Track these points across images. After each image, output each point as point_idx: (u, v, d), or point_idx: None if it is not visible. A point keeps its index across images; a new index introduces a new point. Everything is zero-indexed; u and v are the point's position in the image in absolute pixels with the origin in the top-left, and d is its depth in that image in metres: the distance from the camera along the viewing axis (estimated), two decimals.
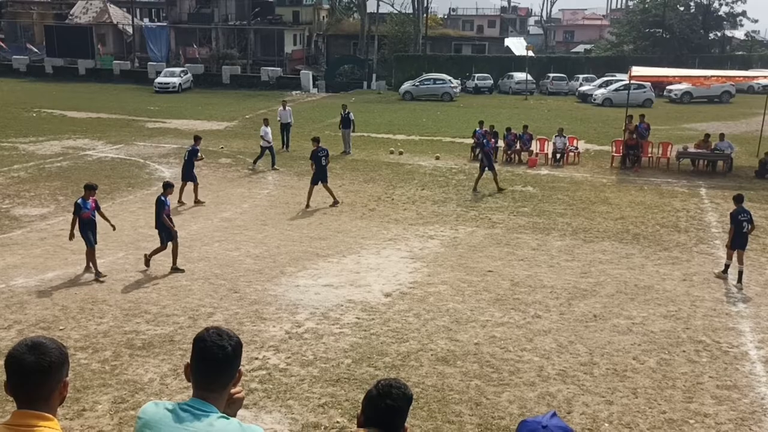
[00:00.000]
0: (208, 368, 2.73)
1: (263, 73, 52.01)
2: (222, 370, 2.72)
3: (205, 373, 2.74)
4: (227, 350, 2.71)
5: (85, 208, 12.14)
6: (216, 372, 2.72)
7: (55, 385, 2.59)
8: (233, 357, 2.73)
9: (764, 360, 9.60)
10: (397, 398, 2.91)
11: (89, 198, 12.29)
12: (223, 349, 2.70)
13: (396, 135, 30.13)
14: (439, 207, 17.91)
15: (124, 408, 7.91)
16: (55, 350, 2.58)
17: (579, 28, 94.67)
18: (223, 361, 2.71)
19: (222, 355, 2.70)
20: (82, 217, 12.10)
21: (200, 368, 2.74)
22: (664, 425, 7.94)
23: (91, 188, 12.44)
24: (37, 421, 2.53)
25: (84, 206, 12.14)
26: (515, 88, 50.76)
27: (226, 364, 2.72)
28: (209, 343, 2.72)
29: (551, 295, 11.86)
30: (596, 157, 25.29)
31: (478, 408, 8.20)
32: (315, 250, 14.12)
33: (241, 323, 10.41)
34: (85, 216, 12.13)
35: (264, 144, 22.23)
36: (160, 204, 12.48)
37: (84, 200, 12.21)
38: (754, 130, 28.65)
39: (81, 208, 12.13)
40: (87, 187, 12.48)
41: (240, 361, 2.78)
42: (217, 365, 2.71)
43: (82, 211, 12.11)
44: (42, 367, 2.53)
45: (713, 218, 17.23)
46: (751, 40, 70.57)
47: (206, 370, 2.73)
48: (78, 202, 12.23)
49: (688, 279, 12.82)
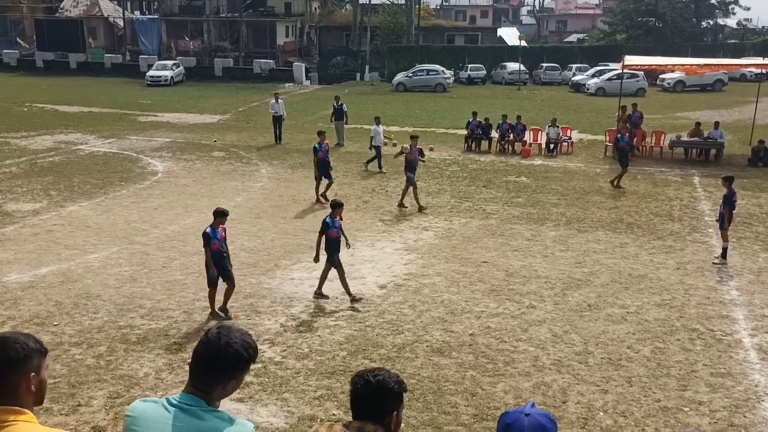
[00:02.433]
0: (199, 364, 2.73)
1: (256, 65, 51.78)
2: (213, 370, 2.72)
3: (198, 368, 2.74)
4: (228, 353, 2.72)
5: (214, 238, 10.07)
6: (207, 370, 2.72)
7: (20, 380, 2.53)
8: (230, 363, 2.73)
9: (758, 347, 9.65)
10: (360, 388, 2.90)
11: (219, 226, 10.18)
12: (223, 350, 2.72)
13: (389, 126, 30.02)
14: (433, 198, 17.90)
15: (120, 403, 7.89)
16: (18, 345, 2.55)
17: (572, 18, 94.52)
18: (218, 362, 2.71)
19: (220, 358, 2.71)
20: (211, 248, 10.11)
21: (196, 362, 2.74)
22: (659, 413, 7.98)
23: (222, 215, 10.19)
24: (7, 416, 2.50)
25: (213, 236, 10.07)
26: (508, 78, 50.71)
27: (222, 367, 2.72)
28: (211, 343, 2.74)
29: (546, 285, 11.88)
30: (590, 147, 25.31)
31: (474, 399, 8.23)
32: (309, 243, 14.04)
33: (236, 317, 10.40)
34: (214, 248, 10.12)
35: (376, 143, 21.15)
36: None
37: (213, 229, 10.09)
38: (747, 118, 28.72)
39: (211, 239, 10.04)
40: (218, 213, 10.20)
41: (238, 372, 2.76)
42: (209, 364, 2.72)
43: (212, 242, 10.08)
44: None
45: (706, 207, 17.27)
46: (743, 28, 70.66)
47: (199, 365, 2.74)
48: (207, 232, 10.07)
49: (682, 267, 12.86)
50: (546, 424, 2.72)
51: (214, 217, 10.22)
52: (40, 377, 2.60)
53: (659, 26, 59.51)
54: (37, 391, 2.59)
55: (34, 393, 2.58)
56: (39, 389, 2.60)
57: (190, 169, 21.11)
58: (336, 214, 11.15)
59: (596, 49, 59.31)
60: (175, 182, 19.41)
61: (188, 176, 20.17)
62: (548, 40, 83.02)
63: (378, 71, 54.04)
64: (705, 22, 65.17)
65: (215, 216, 10.20)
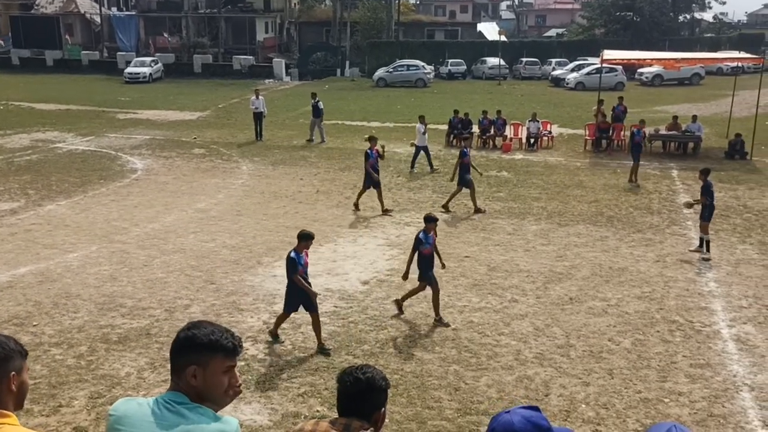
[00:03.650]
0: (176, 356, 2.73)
1: (235, 61, 51.48)
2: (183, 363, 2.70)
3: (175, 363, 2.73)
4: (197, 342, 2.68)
5: (299, 264, 9.11)
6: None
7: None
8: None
9: (735, 338, 9.79)
10: (349, 385, 2.91)
11: (303, 250, 9.23)
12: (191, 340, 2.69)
13: (370, 122, 30.06)
14: (414, 194, 17.93)
15: (101, 403, 7.83)
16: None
17: (551, 13, 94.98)
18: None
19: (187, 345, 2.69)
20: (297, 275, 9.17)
21: (172, 356, 2.74)
22: (640, 404, 8.07)
23: (307, 238, 9.22)
24: None
25: (299, 262, 9.11)
26: (488, 73, 50.84)
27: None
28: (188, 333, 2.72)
29: (527, 279, 11.95)
30: (570, 141, 25.47)
31: (457, 393, 8.27)
32: (291, 240, 13.96)
33: (219, 315, 10.35)
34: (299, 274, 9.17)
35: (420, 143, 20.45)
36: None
37: (298, 254, 9.11)
38: (724, 111, 29.04)
39: (297, 265, 9.08)
40: (303, 236, 9.20)
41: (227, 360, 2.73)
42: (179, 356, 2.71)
43: (297, 268, 9.11)
44: None
45: (685, 199, 17.42)
46: (719, 23, 71.42)
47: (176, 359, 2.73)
48: (292, 257, 9.07)
49: (662, 260, 12.99)
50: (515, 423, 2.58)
51: (298, 240, 9.16)
52: (21, 378, 2.57)
53: (637, 21, 59.99)
54: (18, 392, 2.56)
55: (15, 394, 2.55)
56: (20, 390, 2.57)
57: (170, 167, 20.96)
58: (429, 229, 10.33)
59: (575, 43, 59.66)
60: (155, 180, 19.26)
61: (168, 174, 20.02)
62: (528, 35, 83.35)
63: (358, 67, 53.96)
64: (682, 17, 65.82)
65: (300, 239, 9.14)
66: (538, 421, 2.62)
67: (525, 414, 2.66)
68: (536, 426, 2.60)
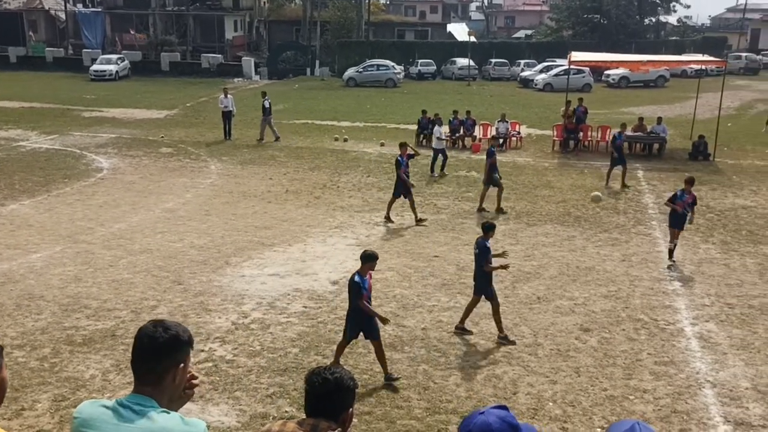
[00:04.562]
0: (138, 359, 2.69)
1: (204, 60, 50.97)
2: (152, 362, 2.66)
3: (137, 364, 2.69)
4: (158, 341, 2.64)
5: (363, 288, 8.27)
6: (146, 363, 2.67)
7: None
8: (165, 349, 2.65)
9: (698, 336, 9.98)
10: (317, 386, 2.90)
11: (368, 272, 8.41)
12: (153, 340, 2.64)
13: (340, 122, 30.01)
14: (384, 194, 17.89)
15: (65, 406, 7.70)
16: None
17: (519, 14, 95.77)
18: (152, 351, 2.64)
19: (151, 346, 2.64)
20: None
21: (133, 358, 2.70)
22: (606, 402, 8.19)
23: (372, 259, 8.36)
24: None
25: (363, 286, 8.27)
26: (458, 73, 51.07)
27: (155, 356, 2.65)
28: (141, 333, 2.68)
29: (496, 278, 11.89)
30: (538, 142, 25.71)
31: (426, 392, 8.30)
32: (260, 240, 13.99)
33: (186, 315, 10.25)
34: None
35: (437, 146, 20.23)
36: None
37: (362, 277, 8.29)
38: (688, 113, 29.57)
39: (361, 289, 8.26)
40: (368, 257, 8.35)
41: (181, 356, 2.70)
42: (146, 356, 2.66)
43: (362, 293, 8.30)
44: None
45: (650, 200, 17.74)
46: (684, 26, 72.69)
47: (137, 360, 2.69)
48: (357, 281, 8.25)
49: (627, 259, 13.19)
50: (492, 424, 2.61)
51: (362, 261, 8.34)
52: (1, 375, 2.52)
53: (604, 23, 60.77)
54: None
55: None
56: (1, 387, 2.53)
57: (137, 166, 20.69)
58: (489, 238, 9.86)
59: (544, 45, 60.22)
60: (122, 179, 18.99)
61: (135, 173, 19.76)
62: (497, 36, 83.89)
63: (328, 66, 53.81)
64: (648, 20, 66.78)
65: (364, 261, 8.31)
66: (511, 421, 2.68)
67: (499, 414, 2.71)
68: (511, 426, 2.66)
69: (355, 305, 8.35)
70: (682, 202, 12.74)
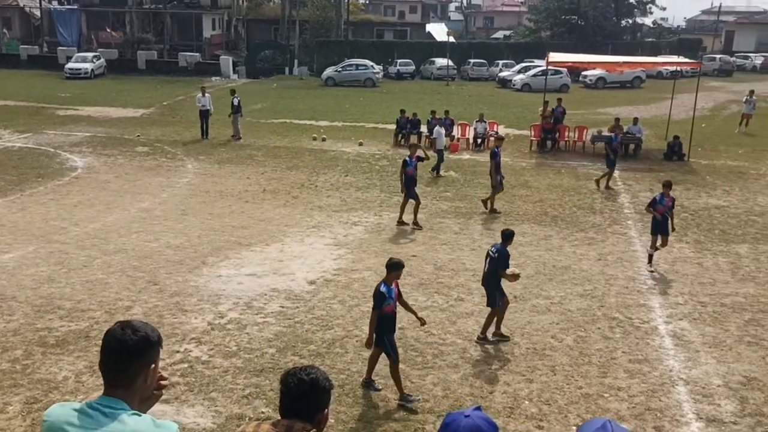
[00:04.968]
0: (108, 361, 2.65)
1: (181, 58, 50.55)
2: (123, 364, 2.63)
3: (106, 366, 2.66)
4: (127, 344, 2.61)
5: (389, 298, 8.01)
6: (116, 366, 2.64)
7: None
8: (135, 351, 2.62)
9: (672, 334, 10.09)
10: (293, 386, 2.88)
11: (393, 281, 8.11)
12: (122, 343, 2.61)
13: (319, 121, 29.93)
14: (363, 193, 17.92)
15: (37, 409, 7.59)
16: None
17: (498, 15, 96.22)
18: (122, 354, 2.61)
19: (121, 349, 2.61)
20: (384, 311, 8.00)
21: (102, 361, 2.67)
22: (581, 400, 8.25)
23: (398, 267, 8.10)
24: None
25: (389, 296, 8.00)
26: (437, 73, 51.18)
27: (125, 358, 2.62)
28: (110, 336, 2.65)
29: (474, 278, 12.05)
30: (516, 142, 25.82)
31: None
32: (237, 239, 13.90)
33: (161, 316, 10.16)
34: (387, 310, 8.01)
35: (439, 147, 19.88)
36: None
37: (388, 287, 8.00)
38: (663, 114, 29.87)
39: (386, 299, 7.98)
40: (394, 266, 8.09)
41: (151, 357, 2.67)
42: (116, 359, 2.63)
43: (386, 302, 7.99)
44: None
45: (626, 199, 17.92)
46: (659, 27, 73.48)
47: (107, 363, 2.66)
48: (382, 291, 7.93)
49: (603, 258, 13.30)
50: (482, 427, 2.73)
51: (388, 270, 8.04)
52: None
53: (581, 24, 61.25)
54: None
55: None
56: None
57: (112, 165, 20.46)
58: (507, 246, 9.72)
59: (522, 45, 60.54)
60: (96, 178, 18.78)
61: (110, 172, 19.54)
62: (476, 36, 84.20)
63: (307, 65, 53.64)
64: (624, 21, 67.47)
65: (390, 269, 8.04)
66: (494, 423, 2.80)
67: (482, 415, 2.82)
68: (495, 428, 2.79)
69: (379, 315, 7.94)
70: (663, 207, 12.62)
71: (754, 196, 18.37)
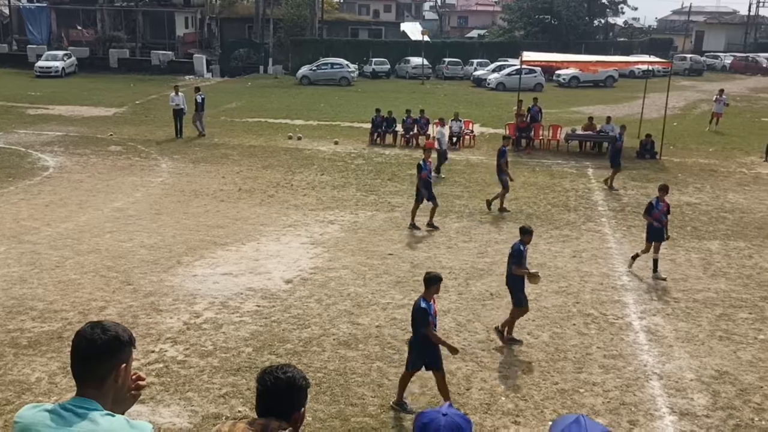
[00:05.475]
0: (78, 362, 2.63)
1: (154, 56, 50.05)
2: (93, 364, 2.60)
3: (77, 367, 2.64)
4: (97, 343, 2.58)
5: (430, 314, 7.63)
6: (86, 366, 2.61)
7: None
8: (105, 350, 2.60)
9: (646, 329, 10.23)
10: (270, 385, 2.87)
11: (432, 297, 7.76)
12: (91, 342, 2.59)
13: (294, 120, 29.83)
14: (338, 192, 17.89)
15: (9, 410, 7.46)
16: None
17: (472, 14, 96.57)
18: (92, 354, 2.59)
19: (90, 348, 2.59)
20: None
21: (72, 362, 2.64)
22: (557, 395, 8.32)
23: (437, 281, 7.75)
24: None
25: (430, 311, 7.62)
26: (412, 72, 51.27)
27: (95, 358, 2.59)
28: (79, 336, 2.63)
29: (450, 275, 12.11)
30: (491, 140, 25.94)
31: (380, 389, 8.31)
32: (213, 239, 13.80)
33: (136, 316, 10.05)
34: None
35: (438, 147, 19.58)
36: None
37: (428, 303, 7.64)
38: (635, 112, 30.25)
39: (428, 316, 7.60)
40: (434, 280, 7.71)
41: (122, 357, 2.64)
42: (86, 359, 2.60)
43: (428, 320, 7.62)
44: None
45: (600, 197, 18.11)
46: (631, 27, 74.37)
47: (77, 363, 2.64)
48: (423, 307, 7.58)
49: (578, 255, 13.43)
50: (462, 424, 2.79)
51: (426, 285, 7.71)
52: None
53: (555, 24, 61.77)
54: None
55: None
56: None
57: (85, 164, 20.20)
58: (526, 242, 9.67)
59: (496, 45, 60.84)
60: (69, 178, 18.52)
61: (82, 171, 19.29)
62: (450, 36, 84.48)
63: (282, 64, 53.40)
64: (597, 21, 68.20)
65: (429, 283, 7.67)
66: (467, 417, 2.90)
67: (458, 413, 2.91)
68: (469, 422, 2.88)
69: (422, 334, 7.60)
70: (658, 212, 12.32)
71: (724, 193, 18.67)
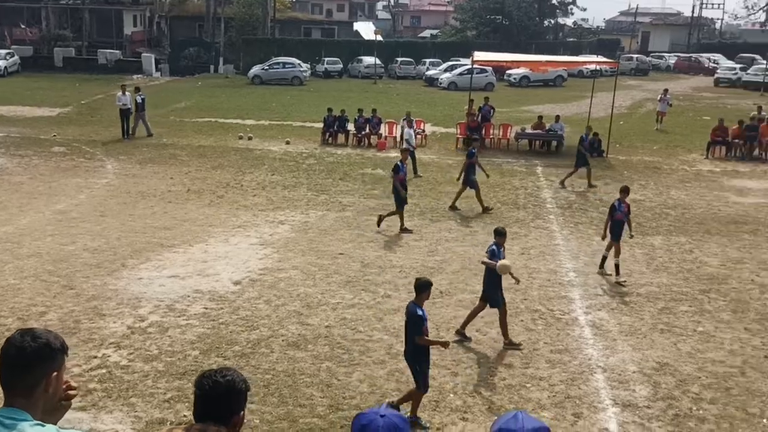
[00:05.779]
0: (6, 370, 2.54)
1: (100, 55, 48.95)
2: (21, 373, 2.51)
3: (4, 375, 2.54)
4: (26, 351, 2.50)
5: (425, 320, 7.55)
6: (12, 374, 2.52)
7: None
8: (35, 358, 2.51)
9: (591, 324, 10.41)
10: (208, 389, 2.81)
11: (424, 302, 7.68)
12: (21, 350, 2.50)
13: (245, 120, 29.52)
14: (289, 192, 17.76)
15: None
16: None
17: (425, 14, 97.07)
18: (21, 362, 2.50)
19: (19, 356, 2.50)
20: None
21: (1, 371, 2.54)
22: (504, 391, 8.41)
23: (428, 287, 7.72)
24: None
25: (425, 318, 7.55)
26: (365, 72, 51.24)
27: (24, 366, 2.51)
28: (8, 344, 2.54)
29: (400, 274, 12.14)
30: (442, 140, 26.13)
31: (329, 389, 8.27)
32: (159, 241, 13.55)
33: (78, 321, 9.80)
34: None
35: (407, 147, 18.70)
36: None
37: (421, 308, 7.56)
38: (584, 111, 30.78)
39: (423, 322, 7.49)
40: (424, 286, 7.66)
41: (53, 365, 2.55)
42: (14, 367, 2.51)
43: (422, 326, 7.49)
44: None
45: (548, 194, 18.38)
46: (580, 28, 75.75)
47: (5, 371, 2.54)
48: (419, 314, 7.45)
49: (526, 252, 13.59)
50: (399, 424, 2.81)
51: (417, 291, 7.61)
52: None
53: (506, 24, 62.51)
54: None
55: None
56: None
57: (26, 166, 19.62)
58: (500, 243, 9.72)
59: (448, 44, 61.27)
60: (9, 180, 17.96)
61: (24, 173, 18.73)
62: (403, 35, 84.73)
63: (233, 64, 52.80)
64: (547, 21, 69.26)
65: (420, 290, 7.59)
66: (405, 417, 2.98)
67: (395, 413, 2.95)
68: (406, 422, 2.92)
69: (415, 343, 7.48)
70: (621, 213, 12.46)
71: (667, 189, 19.15)
